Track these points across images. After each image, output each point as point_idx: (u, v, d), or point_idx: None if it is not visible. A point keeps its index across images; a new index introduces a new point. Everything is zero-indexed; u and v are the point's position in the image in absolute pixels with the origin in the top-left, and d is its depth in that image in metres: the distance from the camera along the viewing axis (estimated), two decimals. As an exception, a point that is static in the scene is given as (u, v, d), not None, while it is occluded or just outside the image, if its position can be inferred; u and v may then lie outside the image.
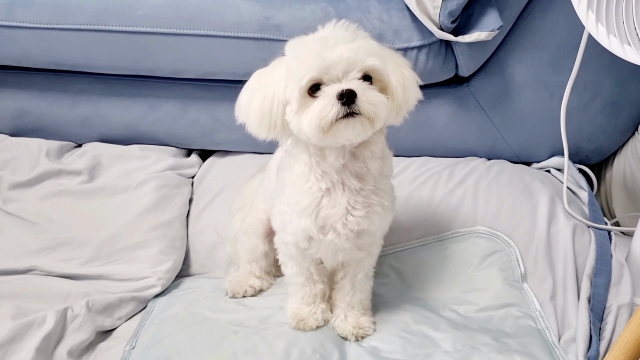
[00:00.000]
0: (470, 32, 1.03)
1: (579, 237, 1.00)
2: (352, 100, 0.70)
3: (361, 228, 0.80)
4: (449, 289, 0.95)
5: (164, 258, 1.01)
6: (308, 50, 0.72)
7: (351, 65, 0.71)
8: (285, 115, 0.74)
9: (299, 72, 0.71)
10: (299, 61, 0.72)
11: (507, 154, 1.20)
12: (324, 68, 0.71)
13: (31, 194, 1.08)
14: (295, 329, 0.86)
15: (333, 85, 0.71)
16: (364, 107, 0.70)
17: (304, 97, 0.72)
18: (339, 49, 0.71)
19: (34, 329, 0.84)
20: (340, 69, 0.71)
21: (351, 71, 0.71)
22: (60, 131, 1.20)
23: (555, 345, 0.84)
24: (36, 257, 1.00)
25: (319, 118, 0.71)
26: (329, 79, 0.71)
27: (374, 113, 0.71)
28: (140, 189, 1.09)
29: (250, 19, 1.06)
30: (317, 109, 0.71)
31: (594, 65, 1.11)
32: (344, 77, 0.71)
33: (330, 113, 0.70)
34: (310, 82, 0.71)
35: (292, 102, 0.72)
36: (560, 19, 1.10)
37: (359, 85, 0.71)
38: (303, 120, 0.72)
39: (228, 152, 1.22)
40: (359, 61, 0.71)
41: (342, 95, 0.70)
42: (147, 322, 0.91)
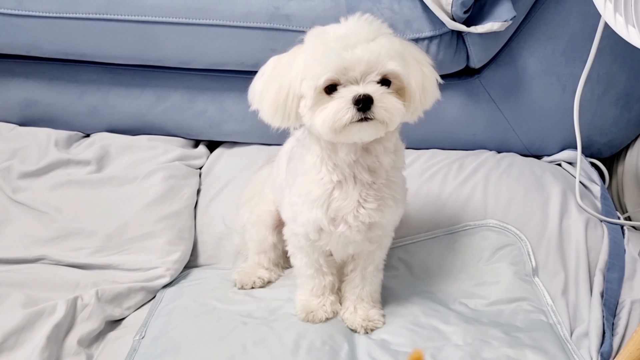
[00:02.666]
0: (483, 23, 1.01)
1: (592, 231, 0.99)
2: (368, 107, 0.69)
3: (372, 220, 0.79)
4: (458, 282, 0.94)
5: (172, 249, 1.01)
6: (327, 48, 0.70)
7: (371, 68, 0.69)
8: (299, 108, 0.73)
9: (316, 71, 0.70)
10: (317, 59, 0.70)
11: (518, 146, 1.19)
12: (342, 69, 0.69)
13: (40, 184, 1.08)
14: (304, 321, 0.85)
15: (350, 88, 0.69)
16: (379, 113, 0.69)
17: (320, 94, 0.71)
18: (360, 50, 0.68)
19: (45, 317, 0.84)
20: (359, 70, 0.69)
21: (370, 74, 0.69)
22: (69, 121, 1.20)
23: (568, 340, 0.83)
24: (45, 246, 1.00)
25: (333, 120, 0.70)
26: (347, 80, 0.70)
27: (389, 119, 0.70)
28: (148, 179, 1.09)
29: (259, 9, 1.05)
30: (331, 110, 0.70)
31: (607, 57, 1.09)
32: (362, 80, 0.69)
33: (345, 117, 0.69)
34: (327, 83, 0.70)
35: (307, 98, 0.71)
36: (573, 9, 1.08)
37: (377, 89, 0.69)
38: (316, 118, 0.71)
39: (236, 143, 1.21)
40: (379, 64, 0.69)
41: (359, 101, 0.68)
42: (156, 312, 0.91)
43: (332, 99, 0.70)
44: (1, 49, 1.13)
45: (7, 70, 1.17)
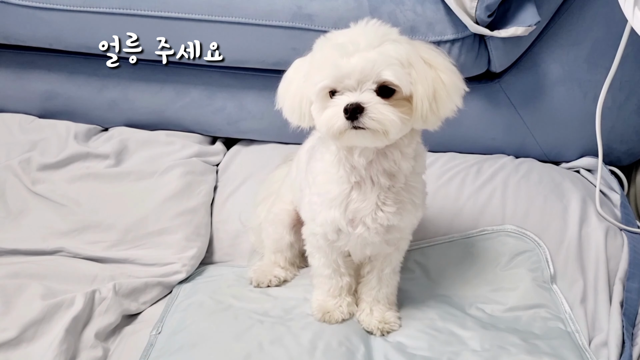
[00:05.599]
0: (507, 27, 1.00)
1: (611, 239, 0.99)
2: (356, 117, 0.69)
3: (391, 223, 0.79)
4: (475, 287, 0.94)
5: (189, 245, 1.01)
6: (325, 56, 0.71)
7: (366, 77, 0.69)
8: (311, 110, 0.74)
9: (314, 78, 0.71)
10: (316, 67, 0.72)
11: (536, 152, 1.18)
12: (338, 77, 0.70)
13: (59, 176, 1.09)
14: (321, 321, 0.86)
15: (346, 95, 0.70)
16: (368, 123, 0.69)
17: (325, 97, 0.72)
18: (356, 59, 0.69)
19: (64, 309, 0.85)
20: (354, 79, 0.69)
21: (366, 82, 0.69)
22: (88, 114, 1.20)
23: (586, 349, 0.83)
24: (63, 238, 1.00)
25: (327, 126, 0.71)
26: (344, 88, 0.70)
27: (382, 129, 0.70)
28: (166, 175, 1.10)
29: (282, 7, 1.04)
30: (326, 117, 0.71)
31: (631, 65, 1.08)
32: (359, 88, 0.70)
33: (337, 124, 0.70)
34: (325, 89, 0.71)
35: (314, 102, 0.73)
36: (598, 16, 1.07)
37: (371, 98, 0.69)
38: (319, 122, 0.73)
39: (253, 141, 1.22)
40: (374, 73, 0.69)
41: (347, 110, 0.69)
42: (172, 308, 0.91)
43: (330, 105, 0.71)
44: (24, 41, 1.14)
45: (29, 62, 1.18)
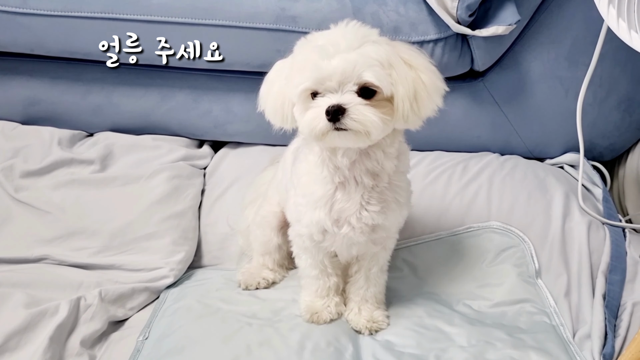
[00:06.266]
0: (488, 26, 1.02)
1: (594, 233, 1.00)
2: (338, 118, 0.69)
3: (376, 223, 0.80)
4: (462, 283, 0.94)
5: (176, 249, 1.01)
6: (306, 58, 0.71)
7: (347, 78, 0.69)
8: (293, 112, 0.74)
9: (295, 80, 0.71)
10: (297, 69, 0.72)
11: (521, 149, 1.20)
12: (320, 79, 0.70)
13: (43, 183, 1.08)
14: (309, 322, 0.86)
15: (327, 97, 0.70)
16: (350, 124, 0.69)
17: (306, 100, 0.72)
18: (336, 60, 0.69)
19: (47, 317, 0.84)
20: (335, 80, 0.70)
21: (347, 83, 0.70)
22: (72, 120, 1.19)
23: (571, 341, 0.84)
24: (48, 246, 0.99)
25: (309, 128, 0.71)
26: (325, 89, 0.71)
27: (364, 130, 0.70)
28: (152, 179, 1.09)
29: (266, 10, 1.05)
30: (307, 118, 0.71)
31: (610, 62, 1.10)
32: (341, 89, 0.70)
33: (319, 126, 0.70)
34: (306, 91, 0.71)
35: (296, 103, 0.73)
36: (577, 14, 1.09)
37: (352, 99, 0.70)
38: (301, 123, 0.73)
39: (240, 144, 1.21)
40: (355, 74, 0.69)
41: (328, 112, 0.69)
42: (159, 313, 0.90)
43: (312, 106, 0.71)
44: (5, 47, 1.13)
45: (11, 68, 1.17)
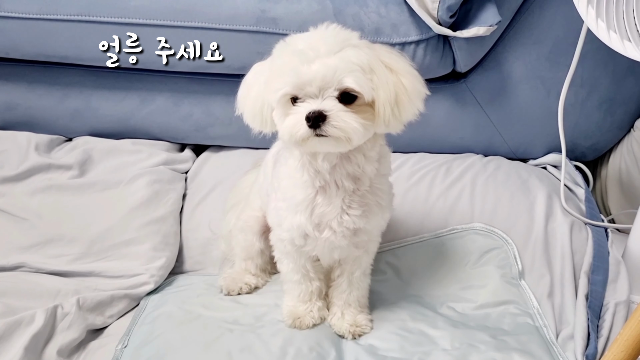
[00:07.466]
0: (469, 27, 1.02)
1: (577, 234, 1.00)
2: (318, 125, 0.68)
3: (357, 227, 0.79)
4: (446, 286, 0.94)
5: (157, 255, 0.99)
6: (285, 63, 0.70)
7: (327, 84, 0.68)
8: (273, 116, 0.73)
9: (275, 85, 0.70)
10: (276, 73, 0.71)
11: (504, 150, 1.20)
12: (299, 84, 0.69)
13: (20, 189, 1.06)
14: (292, 327, 0.85)
15: (307, 102, 0.70)
16: (330, 131, 0.69)
17: (286, 105, 0.71)
18: (316, 65, 0.68)
19: (23, 327, 0.82)
20: (315, 86, 0.69)
21: (328, 89, 0.69)
22: (50, 125, 1.17)
23: (554, 342, 0.84)
24: (25, 253, 0.97)
25: (290, 134, 0.70)
26: (305, 95, 0.70)
27: (344, 137, 0.69)
28: (132, 184, 1.07)
29: (246, 12, 1.04)
30: (288, 125, 0.70)
31: (591, 62, 1.11)
32: (321, 95, 0.69)
33: (299, 132, 0.70)
34: (286, 96, 0.70)
35: (275, 108, 0.72)
36: (558, 14, 1.10)
37: (333, 106, 0.69)
38: (281, 129, 0.72)
39: (222, 147, 1.20)
40: (335, 80, 0.68)
41: (309, 118, 0.68)
42: (139, 320, 0.89)
43: (291, 113, 0.70)
44: (-21, 50, 1.11)
45: (-14, 72, 1.15)
